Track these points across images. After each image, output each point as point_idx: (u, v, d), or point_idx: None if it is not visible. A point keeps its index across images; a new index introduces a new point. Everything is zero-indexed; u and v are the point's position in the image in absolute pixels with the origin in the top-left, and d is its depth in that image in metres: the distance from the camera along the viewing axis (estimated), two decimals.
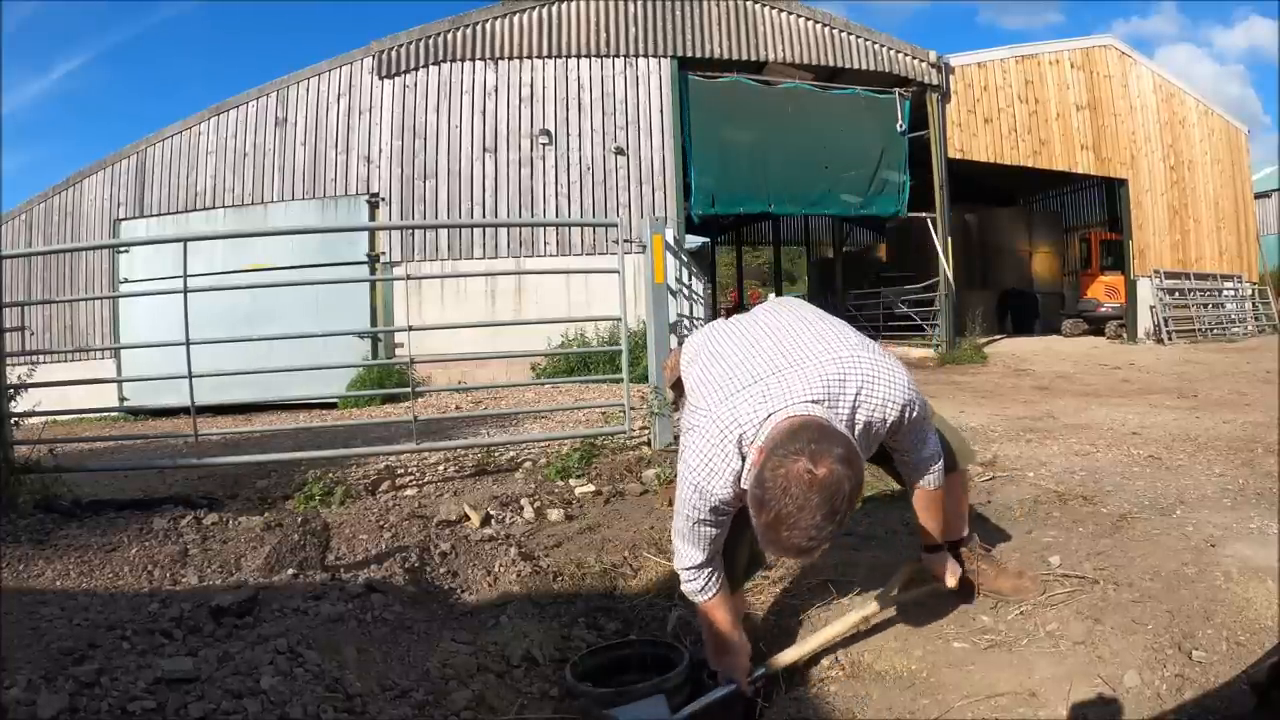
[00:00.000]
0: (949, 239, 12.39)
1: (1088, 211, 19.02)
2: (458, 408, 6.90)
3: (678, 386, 1.97)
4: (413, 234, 10.24)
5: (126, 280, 9.99)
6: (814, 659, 1.98)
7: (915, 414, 1.63)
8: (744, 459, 1.52)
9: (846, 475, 1.34)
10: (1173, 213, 14.87)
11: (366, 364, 9.07)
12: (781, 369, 1.56)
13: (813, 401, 1.49)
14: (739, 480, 1.54)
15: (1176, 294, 14.58)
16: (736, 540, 1.84)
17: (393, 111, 10.44)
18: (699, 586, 1.77)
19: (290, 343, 6.56)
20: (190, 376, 3.90)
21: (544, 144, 10.56)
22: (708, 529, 1.67)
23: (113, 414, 7.30)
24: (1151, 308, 14.24)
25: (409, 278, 9.45)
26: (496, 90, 10.60)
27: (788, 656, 1.90)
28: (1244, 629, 1.81)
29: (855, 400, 1.54)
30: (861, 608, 2.00)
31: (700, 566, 1.74)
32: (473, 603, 2.44)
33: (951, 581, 1.93)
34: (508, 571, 2.63)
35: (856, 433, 1.55)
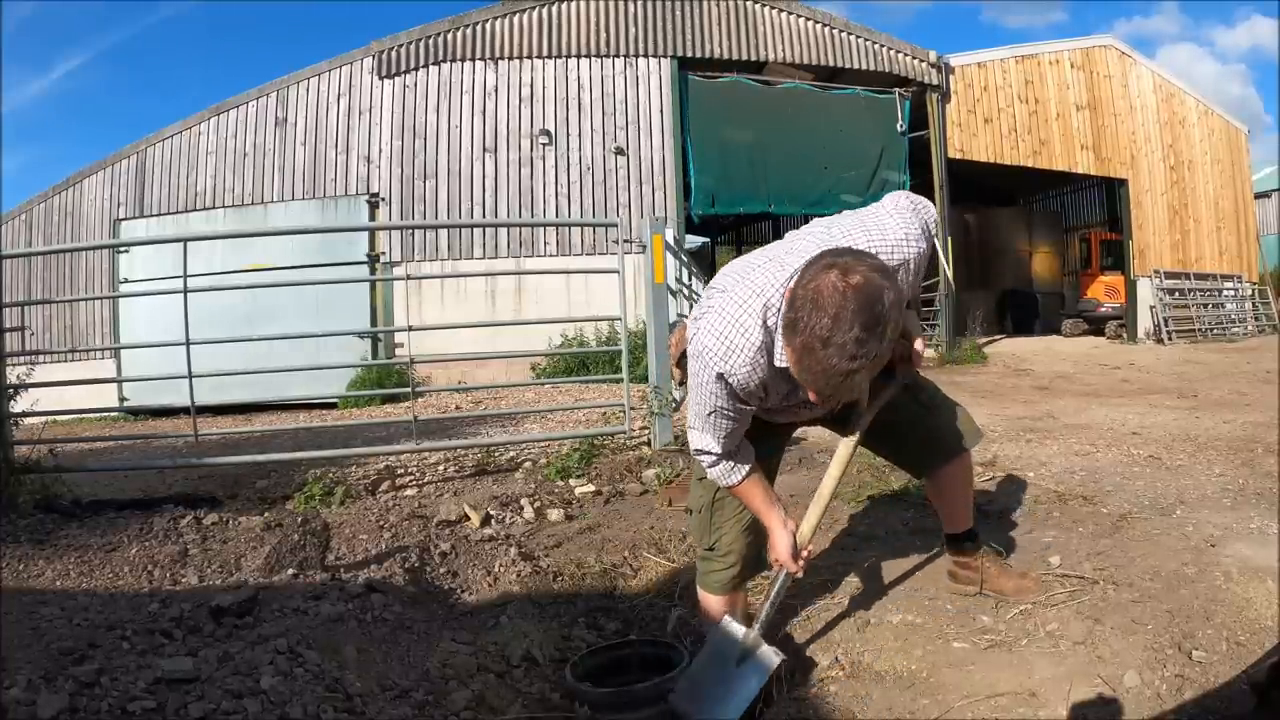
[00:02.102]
0: (949, 239, 12.39)
1: (1088, 211, 19.02)
2: (458, 408, 6.91)
3: (682, 362, 1.86)
4: (413, 234, 10.24)
5: (126, 280, 9.99)
6: (813, 662, 1.98)
7: (925, 247, 1.54)
8: (769, 333, 1.40)
9: (885, 285, 1.21)
10: (1173, 213, 14.87)
11: (366, 364, 9.07)
12: (794, 249, 1.49)
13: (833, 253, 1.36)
14: (762, 354, 1.42)
15: (1176, 294, 14.58)
16: (759, 537, 1.81)
17: (393, 111, 10.44)
18: (726, 468, 1.64)
19: (290, 343, 6.56)
20: (190, 376, 3.91)
21: (544, 144, 10.56)
22: (725, 422, 1.54)
23: (113, 414, 7.31)
24: (1151, 308, 14.24)
25: (409, 278, 9.45)
26: (496, 90, 10.60)
27: (809, 522, 1.78)
28: (1244, 629, 1.81)
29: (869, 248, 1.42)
30: (851, 437, 1.74)
31: (721, 456, 1.63)
32: (473, 603, 2.44)
33: (920, 346, 1.67)
34: (508, 571, 2.63)
35: None
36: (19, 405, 3.76)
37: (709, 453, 1.63)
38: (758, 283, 1.43)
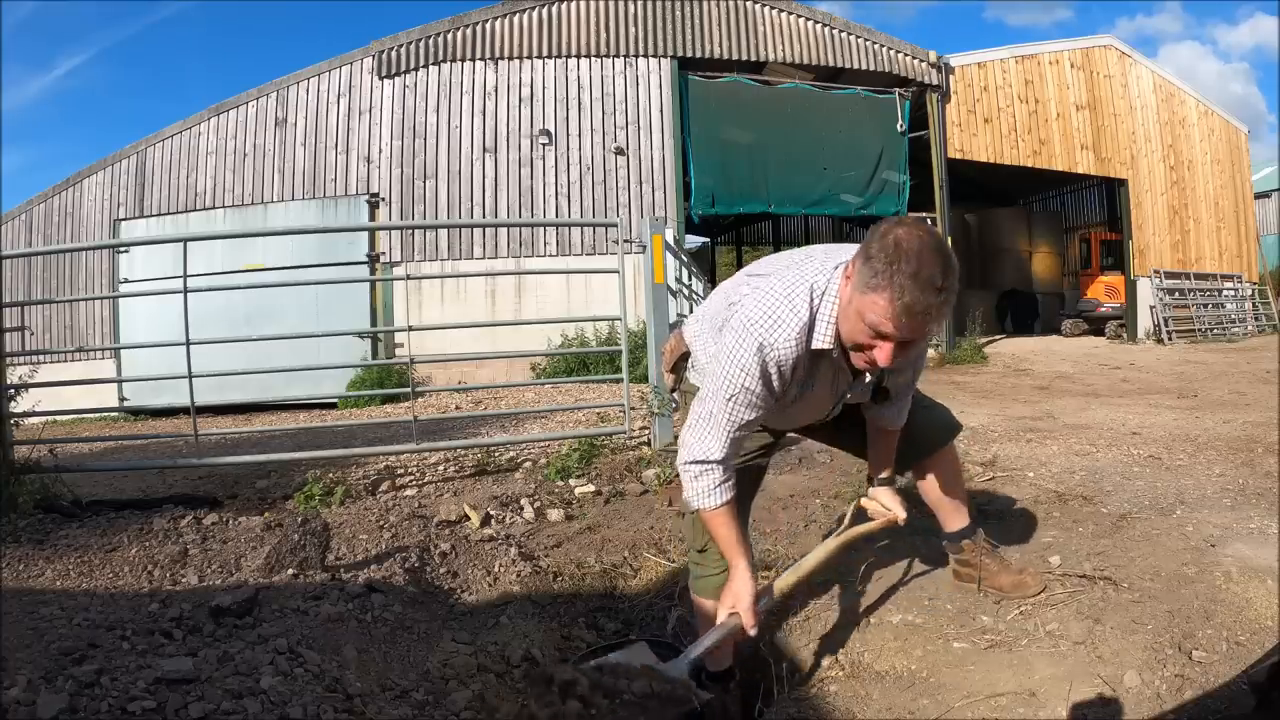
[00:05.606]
0: (949, 239, 12.37)
1: (1088, 211, 19.01)
2: (458, 408, 6.90)
3: (677, 368, 1.91)
4: (413, 234, 10.24)
5: (126, 280, 9.99)
6: (813, 662, 1.98)
7: None
8: (813, 315, 1.45)
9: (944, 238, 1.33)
10: (1173, 213, 14.87)
11: (366, 364, 9.07)
12: (831, 252, 1.55)
13: None
14: (804, 333, 1.45)
15: (1176, 294, 14.58)
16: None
17: (393, 111, 10.44)
18: (713, 483, 1.53)
19: (290, 343, 6.56)
20: (190, 376, 3.90)
21: (544, 144, 10.56)
22: (744, 412, 1.50)
23: (113, 414, 7.31)
24: (1151, 308, 14.24)
25: (409, 278, 9.46)
26: (496, 90, 10.60)
27: (783, 583, 1.74)
28: (1244, 629, 1.81)
29: None
30: (828, 542, 1.88)
31: (719, 462, 1.53)
32: (473, 603, 2.44)
33: (900, 514, 1.88)
34: (508, 571, 2.63)
35: None
36: (20, 406, 3.76)
37: (708, 460, 1.53)
38: (805, 270, 1.50)
